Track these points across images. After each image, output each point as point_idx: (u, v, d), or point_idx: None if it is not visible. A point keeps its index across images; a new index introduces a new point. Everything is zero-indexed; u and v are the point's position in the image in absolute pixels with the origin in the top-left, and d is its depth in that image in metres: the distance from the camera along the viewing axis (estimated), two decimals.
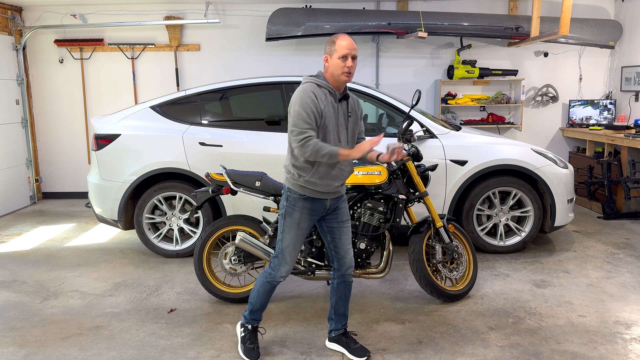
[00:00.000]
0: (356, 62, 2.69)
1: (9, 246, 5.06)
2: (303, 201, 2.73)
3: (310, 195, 2.73)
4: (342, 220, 2.86)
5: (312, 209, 2.75)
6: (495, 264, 4.37)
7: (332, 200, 2.80)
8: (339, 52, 2.62)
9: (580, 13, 6.86)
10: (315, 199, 2.74)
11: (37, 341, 3.13)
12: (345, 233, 2.87)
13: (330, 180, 2.71)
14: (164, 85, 7.02)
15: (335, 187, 2.74)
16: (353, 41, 2.67)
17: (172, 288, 3.94)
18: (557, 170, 4.53)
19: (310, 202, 2.74)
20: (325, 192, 2.73)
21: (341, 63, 2.62)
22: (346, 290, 2.93)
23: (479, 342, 3.05)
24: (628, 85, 6.63)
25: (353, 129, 2.79)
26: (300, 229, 2.76)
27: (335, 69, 2.65)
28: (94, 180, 4.63)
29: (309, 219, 2.77)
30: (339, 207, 2.86)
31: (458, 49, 6.75)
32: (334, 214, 2.85)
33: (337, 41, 2.63)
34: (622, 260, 4.42)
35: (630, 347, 2.96)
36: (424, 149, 4.44)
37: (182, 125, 4.57)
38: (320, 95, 2.63)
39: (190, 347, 3.03)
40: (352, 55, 2.64)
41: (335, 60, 2.63)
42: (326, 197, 2.75)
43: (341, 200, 2.88)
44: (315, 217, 2.79)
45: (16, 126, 6.70)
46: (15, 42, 6.72)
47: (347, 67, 2.62)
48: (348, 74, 2.65)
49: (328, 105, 2.65)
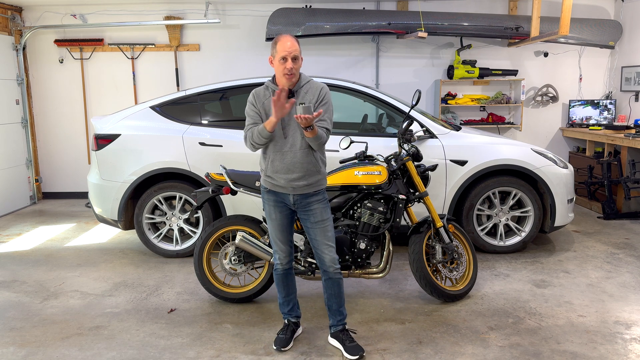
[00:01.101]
0: (299, 61, 2.74)
1: (9, 246, 5.06)
2: (267, 194, 2.90)
3: (271, 189, 2.88)
4: (315, 221, 2.87)
5: (276, 201, 2.88)
6: (495, 264, 4.37)
7: (296, 197, 2.84)
8: (279, 54, 2.69)
9: (580, 13, 6.86)
10: (277, 192, 2.87)
11: (37, 341, 3.13)
12: (320, 234, 2.87)
13: (282, 174, 2.79)
14: (164, 85, 7.02)
15: (289, 180, 2.79)
16: (294, 41, 2.71)
17: (172, 288, 3.94)
18: (557, 170, 4.53)
19: (274, 195, 2.88)
20: (282, 186, 2.82)
21: (281, 65, 2.70)
22: (334, 287, 2.93)
23: (479, 342, 3.05)
24: (628, 85, 6.63)
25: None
26: (272, 221, 2.92)
27: (277, 71, 2.75)
28: (94, 180, 4.63)
29: (278, 211, 2.89)
30: (311, 208, 2.86)
31: (458, 49, 6.75)
32: (306, 213, 2.87)
33: (278, 43, 2.69)
34: (622, 260, 4.42)
35: (630, 347, 2.96)
36: (424, 149, 4.44)
37: (182, 125, 4.57)
38: (262, 95, 2.82)
39: (190, 347, 3.03)
40: (292, 57, 2.69)
41: (277, 62, 2.72)
42: (287, 192, 2.83)
43: (314, 201, 2.86)
44: (284, 210, 2.89)
45: (16, 126, 6.70)
46: (15, 42, 6.72)
47: (287, 68, 2.69)
48: (289, 75, 2.71)
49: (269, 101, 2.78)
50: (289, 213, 2.92)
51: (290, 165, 2.78)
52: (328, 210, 2.91)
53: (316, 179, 2.85)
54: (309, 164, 2.80)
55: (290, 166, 2.78)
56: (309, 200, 2.85)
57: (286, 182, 2.80)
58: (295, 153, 2.78)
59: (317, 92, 2.84)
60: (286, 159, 2.78)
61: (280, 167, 2.80)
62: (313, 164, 2.83)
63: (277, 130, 2.78)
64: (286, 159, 2.79)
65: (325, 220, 2.88)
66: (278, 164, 2.80)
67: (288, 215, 2.92)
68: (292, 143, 2.80)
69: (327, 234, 2.89)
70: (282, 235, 2.94)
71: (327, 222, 2.89)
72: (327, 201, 2.93)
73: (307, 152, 2.79)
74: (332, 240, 2.90)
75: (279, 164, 2.80)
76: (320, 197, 2.89)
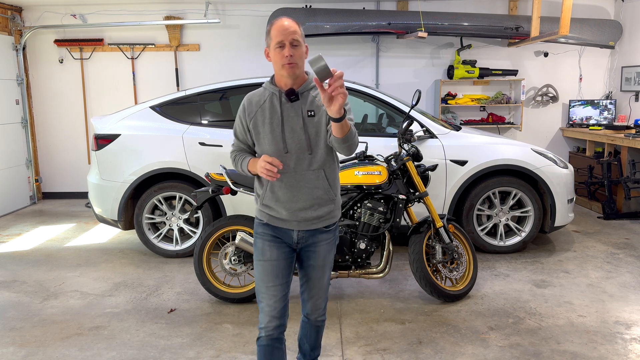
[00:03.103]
0: (300, 48, 2.07)
1: (9, 246, 5.06)
2: (263, 227, 2.22)
3: (268, 222, 2.21)
4: (316, 265, 2.26)
5: (274, 237, 2.21)
6: (495, 264, 4.37)
7: (300, 233, 2.20)
8: (274, 39, 2.04)
9: (580, 13, 6.86)
10: (276, 227, 2.20)
11: (37, 341, 3.13)
12: (315, 279, 2.29)
13: (285, 204, 2.15)
14: (164, 85, 7.01)
15: (293, 211, 2.15)
16: (293, 22, 2.07)
17: (172, 288, 3.94)
18: (557, 170, 4.53)
19: (272, 230, 2.21)
20: (285, 220, 2.17)
21: (278, 54, 2.05)
22: (311, 331, 2.45)
23: (479, 342, 3.05)
24: (628, 85, 6.63)
25: (317, 131, 2.12)
26: (265, 262, 2.18)
27: (275, 64, 2.09)
28: (93, 180, 4.63)
29: (275, 249, 2.19)
30: (314, 249, 2.24)
31: (458, 49, 6.75)
32: (305, 253, 2.26)
33: (272, 27, 2.06)
34: (622, 260, 4.42)
35: (631, 347, 2.96)
36: (424, 149, 4.44)
37: (182, 125, 4.57)
38: (255, 101, 2.18)
39: (190, 347, 3.03)
40: (291, 40, 2.03)
41: (273, 51, 2.07)
42: (289, 227, 2.18)
43: (323, 240, 2.24)
44: (283, 248, 2.20)
45: (16, 126, 6.70)
46: (15, 42, 6.72)
47: (286, 56, 2.03)
48: (290, 65, 2.05)
49: (264, 110, 2.14)
50: (288, 252, 2.22)
51: (295, 191, 2.14)
52: (334, 251, 2.32)
53: (328, 209, 2.20)
54: (320, 189, 2.16)
55: (296, 192, 2.14)
56: (316, 239, 2.23)
57: (290, 214, 2.16)
58: (302, 174, 2.13)
59: None
60: (290, 182, 2.14)
61: (282, 193, 2.15)
62: (325, 190, 2.17)
63: (275, 142, 2.12)
64: (290, 183, 2.14)
65: (326, 266, 2.29)
66: (279, 190, 2.15)
67: (287, 256, 2.21)
68: (297, 160, 2.12)
69: (323, 280, 2.31)
70: (276, 282, 2.18)
71: (327, 267, 2.31)
72: (336, 239, 2.32)
73: (318, 173, 2.14)
74: (326, 288, 2.34)
75: (281, 189, 2.15)
76: (331, 235, 2.27)
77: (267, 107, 2.14)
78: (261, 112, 2.15)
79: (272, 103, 2.14)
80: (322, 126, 2.11)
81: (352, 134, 1.97)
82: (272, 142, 2.12)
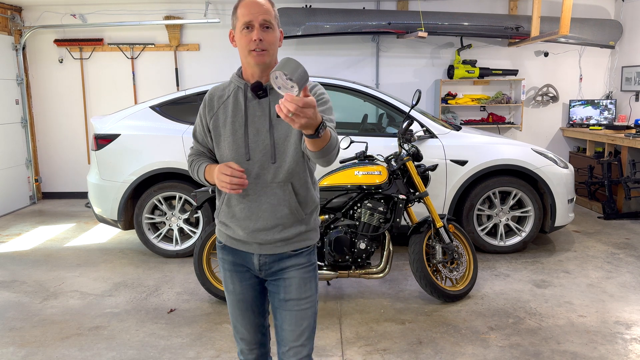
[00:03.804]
0: (273, 32, 1.68)
1: (9, 246, 5.06)
2: (222, 251, 1.86)
3: (226, 244, 1.83)
4: (287, 299, 1.77)
5: (233, 264, 1.83)
6: (496, 264, 4.37)
7: (262, 257, 1.77)
8: (240, 19, 1.67)
9: (581, 13, 6.85)
10: (235, 250, 1.82)
11: (36, 341, 3.13)
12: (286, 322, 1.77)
13: (241, 222, 1.75)
14: (164, 85, 7.01)
15: (251, 231, 1.74)
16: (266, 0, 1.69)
17: (172, 288, 3.93)
18: (558, 170, 4.53)
19: (231, 254, 1.83)
20: (243, 242, 1.78)
21: (245, 36, 1.66)
22: None
23: (479, 342, 3.05)
24: (628, 85, 6.63)
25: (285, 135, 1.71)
26: (229, 294, 1.86)
27: (241, 48, 1.69)
28: (93, 180, 4.63)
29: (237, 280, 1.83)
30: (284, 277, 1.78)
31: (458, 49, 6.74)
32: (276, 284, 1.79)
33: (239, 4, 1.69)
34: (623, 260, 4.42)
35: (631, 347, 2.96)
36: (424, 149, 4.43)
37: (182, 125, 4.57)
38: (218, 96, 1.79)
39: (190, 348, 3.03)
40: (262, 22, 1.64)
41: (238, 35, 1.69)
42: (248, 250, 1.78)
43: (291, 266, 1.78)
44: (248, 278, 1.83)
45: (16, 126, 6.69)
46: (15, 42, 6.71)
47: (254, 40, 1.64)
48: (260, 51, 1.65)
49: (227, 107, 1.76)
50: (255, 283, 1.85)
51: (255, 207, 1.73)
52: (313, 283, 1.81)
53: (297, 231, 1.76)
54: (285, 207, 1.73)
55: (255, 209, 1.73)
56: (283, 264, 1.77)
57: (247, 235, 1.75)
58: (265, 187, 1.72)
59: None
60: (249, 196, 1.73)
61: (239, 209, 1.75)
62: (292, 208, 1.74)
63: (236, 147, 1.73)
64: (249, 197, 1.73)
65: (302, 300, 1.77)
66: (236, 205, 1.75)
67: (254, 287, 1.85)
68: (259, 170, 1.72)
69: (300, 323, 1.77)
70: (244, 318, 1.85)
71: (305, 303, 1.77)
72: (314, 268, 1.82)
73: (285, 187, 1.72)
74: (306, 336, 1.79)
75: (238, 204, 1.75)
76: (304, 259, 1.79)
77: (230, 103, 1.75)
78: (223, 109, 1.76)
79: (236, 99, 1.75)
80: (293, 130, 1.69)
81: (330, 147, 1.53)
82: (232, 146, 1.73)
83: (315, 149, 1.50)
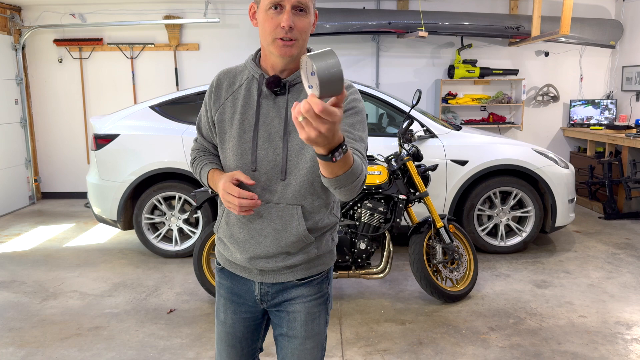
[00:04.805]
0: (308, 17, 1.37)
1: (8, 246, 5.05)
2: (219, 274, 1.60)
3: (225, 266, 1.58)
4: (289, 337, 1.52)
5: (230, 291, 1.57)
6: (496, 264, 4.36)
7: (264, 286, 1.52)
8: None
9: (581, 12, 6.84)
10: (234, 275, 1.56)
11: (36, 342, 3.12)
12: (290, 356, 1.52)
13: (240, 245, 1.48)
14: (164, 85, 7.00)
15: (252, 257, 1.47)
16: None
17: (172, 288, 3.92)
18: (558, 170, 4.52)
19: (229, 279, 1.57)
20: (243, 267, 1.52)
21: (272, 18, 1.34)
22: None
23: (480, 342, 3.04)
24: (629, 85, 6.62)
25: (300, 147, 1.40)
26: (220, 324, 1.60)
27: (263, 32, 1.37)
28: (93, 180, 4.62)
29: (232, 310, 1.57)
30: (288, 311, 1.52)
31: (458, 49, 6.73)
32: (278, 316, 1.54)
33: None
34: (623, 260, 4.41)
35: (631, 348, 2.95)
36: (424, 149, 4.42)
37: (182, 125, 4.56)
38: (228, 83, 1.49)
39: (190, 348, 3.02)
40: (296, 3, 1.33)
41: (264, 13, 1.35)
42: (249, 277, 1.52)
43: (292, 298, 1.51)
44: (243, 308, 1.57)
45: (15, 126, 6.68)
46: (15, 42, 6.70)
47: (282, 26, 1.32)
48: (287, 42, 1.34)
49: (236, 99, 1.46)
50: (250, 316, 1.58)
51: (256, 231, 1.46)
52: (322, 318, 1.55)
53: (307, 257, 1.49)
54: (292, 233, 1.44)
55: (256, 234, 1.46)
56: (289, 295, 1.52)
57: (247, 260, 1.49)
58: (270, 208, 1.44)
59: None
60: (251, 216, 1.45)
61: (237, 229, 1.48)
62: (301, 236, 1.44)
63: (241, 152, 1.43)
64: (251, 217, 1.45)
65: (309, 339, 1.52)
66: (235, 224, 1.49)
67: (248, 321, 1.58)
68: (265, 185, 1.43)
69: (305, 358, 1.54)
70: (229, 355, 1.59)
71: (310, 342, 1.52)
72: (325, 300, 1.55)
73: (293, 210, 1.43)
74: None
75: (237, 224, 1.48)
76: (314, 289, 1.52)
77: (240, 95, 1.46)
78: (232, 101, 1.46)
79: (248, 91, 1.45)
80: None
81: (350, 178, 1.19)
82: (237, 151, 1.43)
83: (329, 175, 1.17)
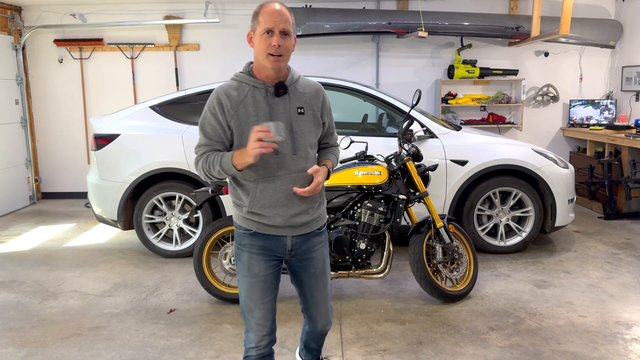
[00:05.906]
0: (290, 40, 1.93)
1: (8, 246, 5.05)
2: (250, 238, 2.03)
3: (258, 230, 2.02)
4: (313, 274, 2.13)
5: (264, 248, 2.03)
6: (496, 264, 4.36)
7: (294, 238, 2.06)
8: (262, 24, 1.88)
9: (581, 13, 6.85)
10: (267, 235, 2.03)
11: (36, 341, 3.12)
12: (317, 290, 2.16)
13: (279, 209, 1.98)
14: (164, 85, 7.00)
15: (289, 217, 2.00)
16: (285, 8, 1.91)
17: (172, 288, 3.93)
18: (558, 170, 4.52)
19: (261, 240, 2.03)
20: (278, 227, 2.01)
21: (265, 40, 1.88)
22: (320, 337, 2.36)
23: (480, 342, 3.04)
24: (629, 85, 6.62)
25: (305, 130, 2.01)
26: (253, 277, 2.03)
27: (258, 51, 1.93)
28: (93, 180, 4.62)
29: (263, 263, 2.03)
30: (311, 256, 2.11)
31: (458, 49, 6.74)
32: (302, 262, 2.12)
33: (261, 12, 1.90)
34: (623, 260, 4.41)
35: (631, 348, 2.95)
36: (424, 149, 4.43)
37: (182, 125, 4.56)
38: (235, 96, 1.95)
39: (190, 348, 3.02)
40: (282, 29, 1.88)
41: (258, 38, 1.91)
42: (283, 234, 2.03)
43: (314, 244, 2.11)
44: (272, 260, 2.05)
45: (15, 126, 6.69)
46: (15, 42, 6.71)
47: (274, 45, 1.86)
48: (277, 57, 1.89)
49: (247, 106, 1.95)
50: (276, 264, 2.07)
51: (291, 195, 1.99)
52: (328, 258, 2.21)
53: (320, 210, 2.13)
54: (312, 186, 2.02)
55: (292, 196, 1.99)
56: (311, 243, 2.10)
57: (285, 220, 2.00)
58: (299, 177, 1.99)
59: (317, 95, 2.07)
60: (285, 186, 1.98)
61: (276, 198, 1.98)
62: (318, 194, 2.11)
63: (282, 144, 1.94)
64: (285, 186, 1.98)
65: (326, 271, 2.17)
66: (273, 195, 1.98)
67: (275, 269, 2.07)
68: (289, 162, 1.98)
69: (327, 289, 2.19)
70: (265, 299, 2.05)
71: (328, 273, 2.19)
72: (327, 244, 2.22)
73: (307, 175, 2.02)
74: (329, 297, 2.22)
75: (276, 193, 1.98)
76: (324, 237, 2.17)
77: (249, 103, 1.94)
78: (243, 108, 1.94)
79: (254, 98, 1.95)
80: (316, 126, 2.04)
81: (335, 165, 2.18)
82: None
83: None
